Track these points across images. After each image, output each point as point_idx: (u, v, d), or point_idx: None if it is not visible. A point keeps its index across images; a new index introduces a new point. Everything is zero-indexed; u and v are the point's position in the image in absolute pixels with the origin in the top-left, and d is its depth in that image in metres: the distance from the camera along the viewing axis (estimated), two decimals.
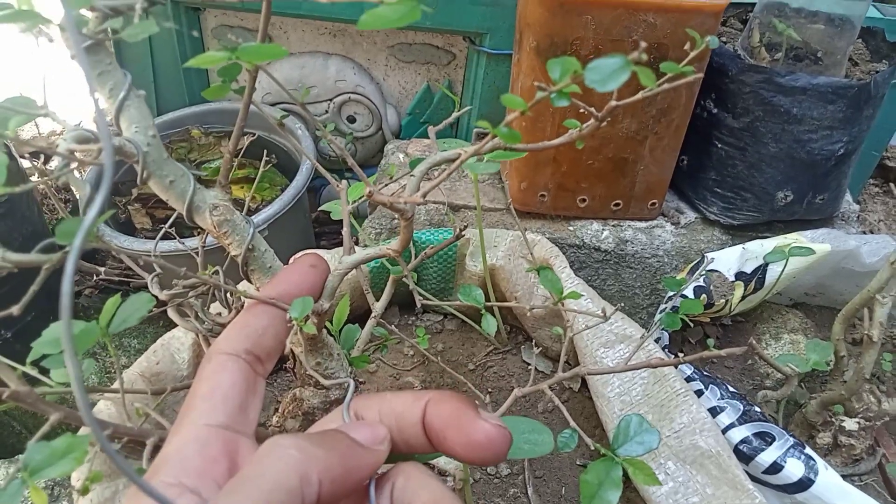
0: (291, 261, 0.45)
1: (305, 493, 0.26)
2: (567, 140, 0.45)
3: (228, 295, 0.62)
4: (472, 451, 0.29)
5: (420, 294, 0.49)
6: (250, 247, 0.53)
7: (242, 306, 0.60)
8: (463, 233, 0.58)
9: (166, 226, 0.68)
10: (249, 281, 0.56)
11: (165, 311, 0.66)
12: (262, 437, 0.57)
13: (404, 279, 0.58)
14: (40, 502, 0.37)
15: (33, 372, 0.55)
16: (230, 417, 0.31)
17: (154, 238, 1.12)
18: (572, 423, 0.53)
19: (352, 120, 1.36)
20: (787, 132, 0.97)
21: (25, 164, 1.51)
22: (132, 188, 1.22)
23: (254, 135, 1.25)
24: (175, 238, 1.03)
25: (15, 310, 0.41)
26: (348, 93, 1.31)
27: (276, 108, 1.30)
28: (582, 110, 0.45)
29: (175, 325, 0.75)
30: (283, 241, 1.13)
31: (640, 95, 0.41)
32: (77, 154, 0.44)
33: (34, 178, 1.48)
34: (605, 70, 0.29)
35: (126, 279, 0.67)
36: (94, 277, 0.58)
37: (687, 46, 0.47)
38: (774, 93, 0.95)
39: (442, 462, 0.58)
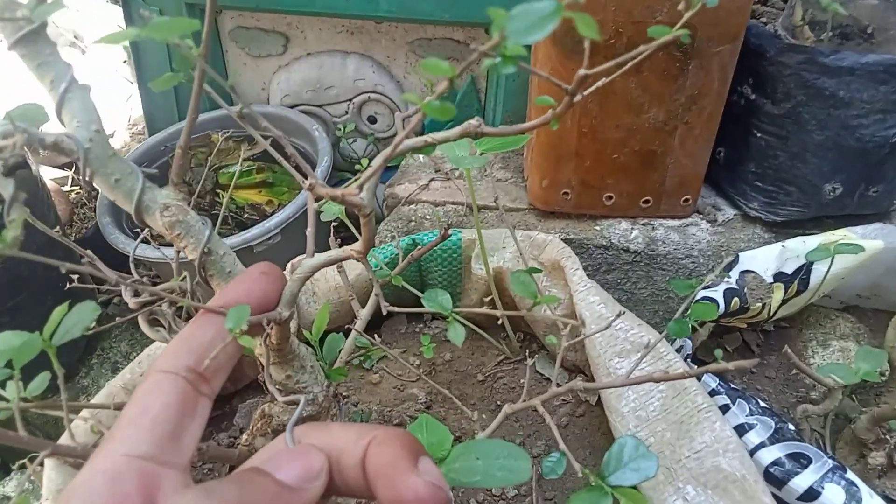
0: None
1: None
2: (542, 122, 0.39)
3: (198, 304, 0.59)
4: None
5: (385, 301, 0.44)
6: (206, 250, 0.49)
7: None
8: (449, 231, 0.52)
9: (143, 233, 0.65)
10: (209, 286, 0.52)
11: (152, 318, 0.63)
12: (226, 458, 0.52)
13: (379, 286, 0.53)
14: None
15: None
16: (156, 446, 0.27)
17: (169, 245, 1.10)
18: (562, 445, 0.46)
19: (373, 120, 1.32)
20: (833, 118, 0.88)
21: (55, 173, 1.53)
22: None
23: (268, 139, 1.22)
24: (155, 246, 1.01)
25: None
26: (368, 92, 1.27)
27: (294, 110, 1.27)
28: (582, 71, 0.39)
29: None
30: (297, 245, 1.10)
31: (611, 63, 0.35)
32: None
33: (63, 189, 1.50)
34: (531, 17, 0.23)
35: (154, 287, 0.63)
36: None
37: (681, 6, 0.41)
38: (818, 74, 0.86)
39: None
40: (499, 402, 0.76)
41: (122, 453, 0.26)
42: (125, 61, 1.74)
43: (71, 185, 1.54)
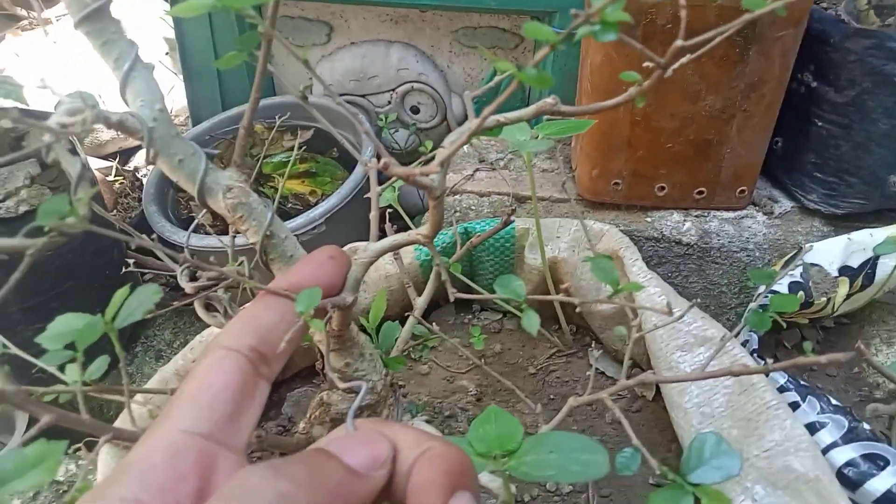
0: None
1: None
2: (626, 98, 0.37)
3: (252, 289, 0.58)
4: None
5: (454, 284, 0.42)
6: (268, 233, 0.48)
7: None
8: (511, 218, 0.51)
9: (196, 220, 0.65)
10: (269, 270, 0.51)
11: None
12: (284, 447, 0.51)
13: (447, 271, 0.52)
14: None
15: (52, 368, 0.52)
16: (215, 426, 0.26)
17: (215, 234, 1.10)
18: (635, 441, 0.44)
19: (415, 110, 1.31)
20: None
21: (100, 163, 1.54)
22: None
23: (311, 129, 1.22)
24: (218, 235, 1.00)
25: None
26: (411, 82, 1.25)
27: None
28: (646, 63, 0.37)
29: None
30: (341, 235, 1.09)
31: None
32: (68, 126, 0.40)
33: (108, 179, 1.51)
34: None
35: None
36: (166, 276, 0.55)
37: None
38: (886, 60, 0.82)
39: (485, 479, 0.51)
40: (551, 396, 0.74)
41: (182, 429, 0.25)
42: (167, 53, 1.75)
43: (115, 175, 1.55)
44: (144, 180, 1.45)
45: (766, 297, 0.64)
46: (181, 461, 0.24)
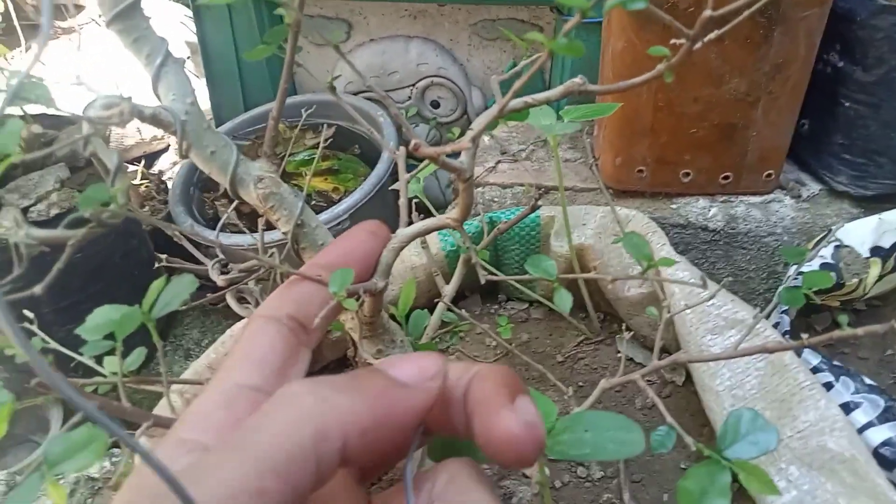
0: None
1: (321, 452, 0.21)
2: (655, 74, 0.37)
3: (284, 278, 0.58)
4: (490, 448, 0.24)
5: (484, 268, 0.43)
6: (299, 222, 0.49)
7: None
8: (538, 203, 0.51)
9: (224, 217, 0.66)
10: (300, 259, 0.52)
11: (226, 303, 0.64)
12: None
13: (476, 255, 0.52)
14: (58, 498, 0.34)
15: (90, 361, 0.53)
16: (265, 380, 0.27)
17: (240, 232, 1.11)
18: (669, 419, 0.45)
19: (436, 105, 1.31)
20: None
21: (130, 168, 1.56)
22: (219, 184, 1.22)
23: (333, 126, 1.23)
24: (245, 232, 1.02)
25: (38, 289, 0.38)
26: (431, 76, 1.26)
27: (358, 97, 1.28)
28: (673, 41, 0.37)
29: (240, 318, 0.73)
30: None
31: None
32: (105, 118, 0.41)
33: (133, 183, 1.53)
34: None
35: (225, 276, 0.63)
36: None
37: None
38: None
39: None
40: (580, 384, 0.74)
41: (234, 383, 0.26)
42: (188, 57, 1.78)
43: (140, 179, 1.58)
44: (169, 183, 1.48)
45: (797, 278, 0.64)
46: (236, 407, 0.25)
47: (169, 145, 1.70)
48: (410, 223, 0.49)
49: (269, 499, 0.20)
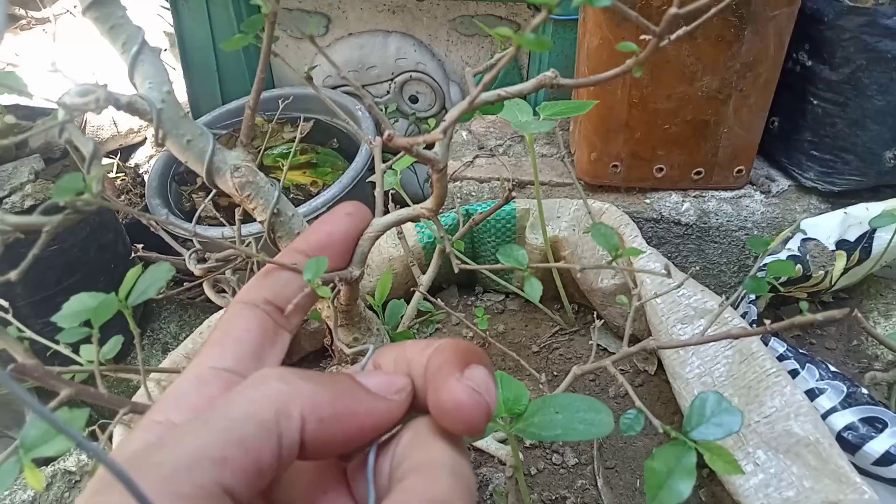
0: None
1: (283, 428, 0.22)
2: (625, 69, 0.38)
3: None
4: (439, 416, 0.24)
5: (458, 258, 0.43)
6: (276, 210, 0.50)
7: None
8: (512, 195, 0.52)
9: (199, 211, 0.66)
10: (277, 248, 0.52)
11: (205, 296, 0.64)
12: None
13: (451, 245, 0.53)
14: (35, 483, 0.34)
15: (66, 351, 0.53)
16: (239, 363, 0.28)
17: (219, 225, 1.11)
18: (638, 403, 0.46)
19: (414, 100, 1.32)
20: (895, 82, 0.85)
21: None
22: (196, 177, 1.22)
23: (311, 120, 1.23)
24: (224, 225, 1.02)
25: (13, 275, 0.38)
26: (409, 71, 1.26)
27: (337, 90, 1.28)
28: (643, 37, 0.38)
29: (218, 309, 0.73)
30: None
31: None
32: (76, 105, 0.41)
33: (110, 176, 1.52)
34: None
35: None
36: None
37: None
38: (880, 37, 0.83)
39: (492, 447, 0.53)
40: (555, 373, 0.75)
41: (209, 365, 0.27)
42: (166, 49, 1.76)
43: (116, 172, 1.56)
44: (146, 177, 1.47)
45: (762, 268, 0.65)
46: (209, 387, 0.26)
47: (145, 139, 1.68)
48: (386, 213, 0.49)
49: (231, 467, 0.21)
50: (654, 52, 0.36)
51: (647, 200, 1.00)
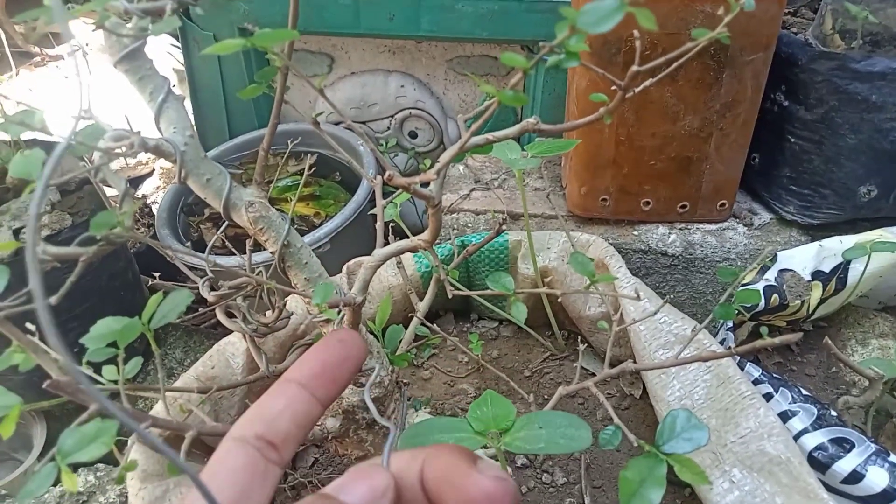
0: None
1: None
2: (595, 117, 0.43)
3: (272, 297, 0.63)
4: None
5: (452, 285, 0.48)
6: (286, 242, 0.54)
7: (285, 305, 0.60)
8: (503, 227, 0.56)
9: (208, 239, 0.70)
10: (286, 277, 0.57)
11: (213, 324, 0.68)
12: (308, 437, 0.56)
13: (445, 272, 0.57)
14: (71, 485, 0.38)
15: (88, 371, 0.57)
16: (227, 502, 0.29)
17: (225, 254, 1.15)
18: (616, 420, 0.50)
19: (413, 135, 1.37)
20: (866, 121, 0.90)
21: (110, 192, 1.60)
22: (204, 208, 1.27)
23: (315, 154, 1.28)
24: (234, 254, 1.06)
25: (53, 300, 0.43)
26: (409, 108, 1.32)
27: (339, 126, 1.33)
28: (613, 87, 0.43)
29: (225, 334, 0.77)
30: (345, 255, 1.14)
31: (661, 60, 0.39)
32: (114, 150, 0.45)
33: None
34: (599, 12, 0.28)
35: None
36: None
37: (721, 11, 0.45)
38: (850, 80, 0.89)
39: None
40: (545, 396, 0.79)
41: None
42: (174, 86, 1.83)
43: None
44: (153, 207, 1.51)
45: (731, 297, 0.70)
46: None
47: (153, 170, 1.74)
48: (386, 244, 0.54)
49: None
50: (640, 95, 0.40)
51: (636, 232, 1.04)
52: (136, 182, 1.74)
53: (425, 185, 0.44)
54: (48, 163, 0.27)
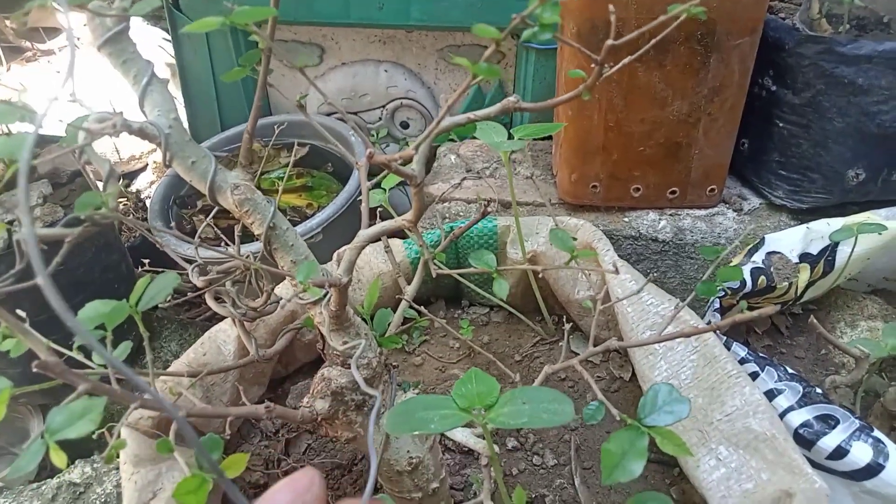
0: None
1: None
2: (575, 94, 0.43)
3: (261, 283, 0.64)
4: None
5: (437, 265, 0.48)
6: (272, 224, 0.54)
7: (273, 290, 0.61)
8: (488, 210, 0.57)
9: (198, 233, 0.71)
10: (272, 259, 0.57)
11: (208, 317, 0.68)
12: (290, 418, 0.57)
13: (430, 255, 0.58)
14: (59, 462, 0.39)
15: (79, 356, 0.58)
16: None
17: (217, 246, 1.16)
18: (600, 396, 0.50)
19: (405, 125, 1.37)
20: (853, 105, 0.91)
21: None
22: (197, 200, 1.27)
23: (306, 145, 1.28)
24: (227, 245, 1.06)
25: (39, 280, 0.43)
26: (400, 98, 1.32)
27: (331, 117, 1.33)
28: (593, 65, 0.44)
29: (216, 321, 0.77)
30: (337, 244, 1.14)
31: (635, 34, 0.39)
32: (95, 130, 0.46)
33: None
34: None
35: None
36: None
37: None
38: (836, 63, 0.89)
39: (471, 441, 0.57)
40: (535, 379, 0.80)
41: None
42: (167, 80, 1.83)
43: (119, 197, 1.61)
44: (147, 202, 1.52)
45: (714, 276, 0.70)
46: None
47: (146, 165, 1.74)
48: (371, 226, 0.54)
49: None
50: (628, 81, 0.41)
51: (626, 219, 1.05)
52: (129, 177, 1.74)
53: (409, 167, 0.45)
54: (32, 135, 0.27)
